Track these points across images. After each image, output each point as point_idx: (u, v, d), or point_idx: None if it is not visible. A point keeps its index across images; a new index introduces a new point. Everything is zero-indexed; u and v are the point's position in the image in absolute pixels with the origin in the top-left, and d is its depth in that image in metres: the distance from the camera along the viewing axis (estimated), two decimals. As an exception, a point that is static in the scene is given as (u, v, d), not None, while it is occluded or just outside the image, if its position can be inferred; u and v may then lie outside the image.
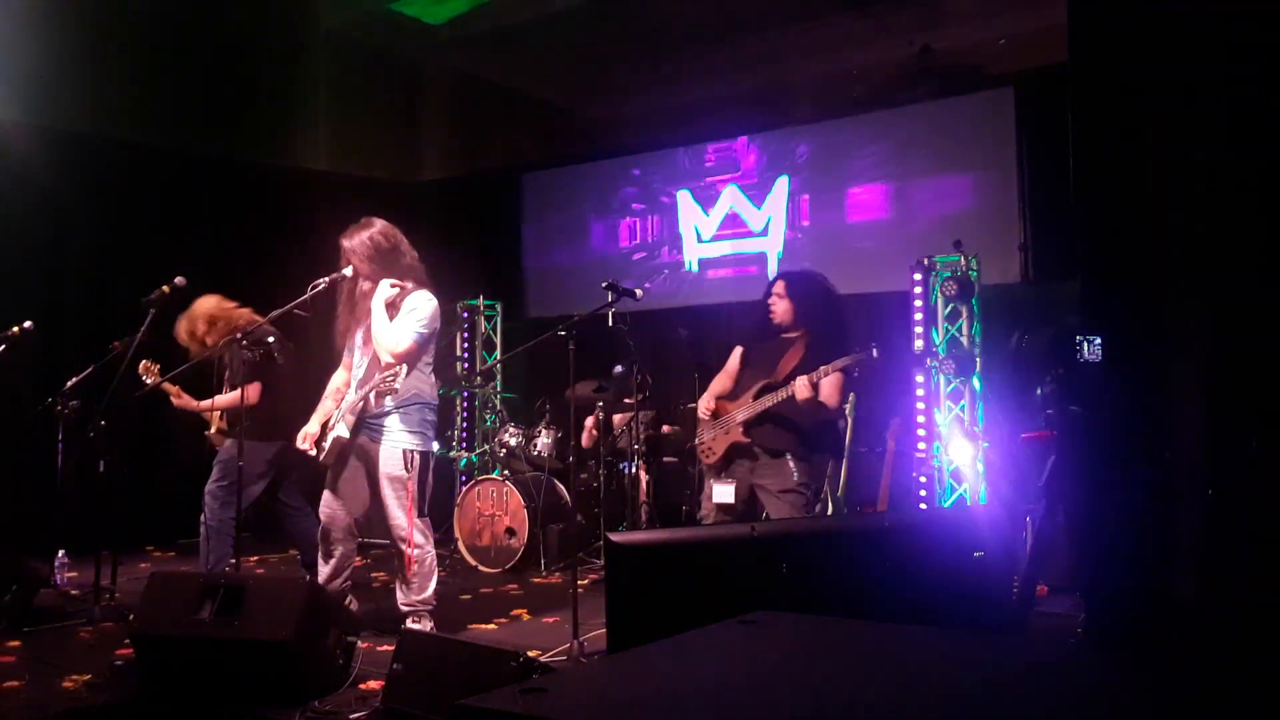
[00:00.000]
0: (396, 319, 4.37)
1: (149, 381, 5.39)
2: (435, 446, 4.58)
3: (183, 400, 5.41)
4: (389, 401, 4.34)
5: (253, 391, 5.07)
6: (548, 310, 8.42)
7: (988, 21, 8.11)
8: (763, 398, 4.40)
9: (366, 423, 4.39)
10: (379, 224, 4.49)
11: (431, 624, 4.43)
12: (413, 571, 4.36)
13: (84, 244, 7.39)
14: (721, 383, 4.71)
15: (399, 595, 4.43)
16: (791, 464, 4.36)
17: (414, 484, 4.34)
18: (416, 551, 4.34)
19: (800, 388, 4.22)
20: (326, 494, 4.51)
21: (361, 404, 4.35)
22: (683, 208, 8.18)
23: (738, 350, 4.74)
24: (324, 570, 4.50)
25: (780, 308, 4.54)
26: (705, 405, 4.61)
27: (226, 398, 5.26)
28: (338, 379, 4.66)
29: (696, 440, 4.67)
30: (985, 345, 5.92)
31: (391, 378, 4.20)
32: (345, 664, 3.69)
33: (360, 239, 4.44)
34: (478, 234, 9.16)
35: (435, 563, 4.52)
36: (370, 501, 4.51)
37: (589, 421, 6.59)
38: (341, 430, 4.37)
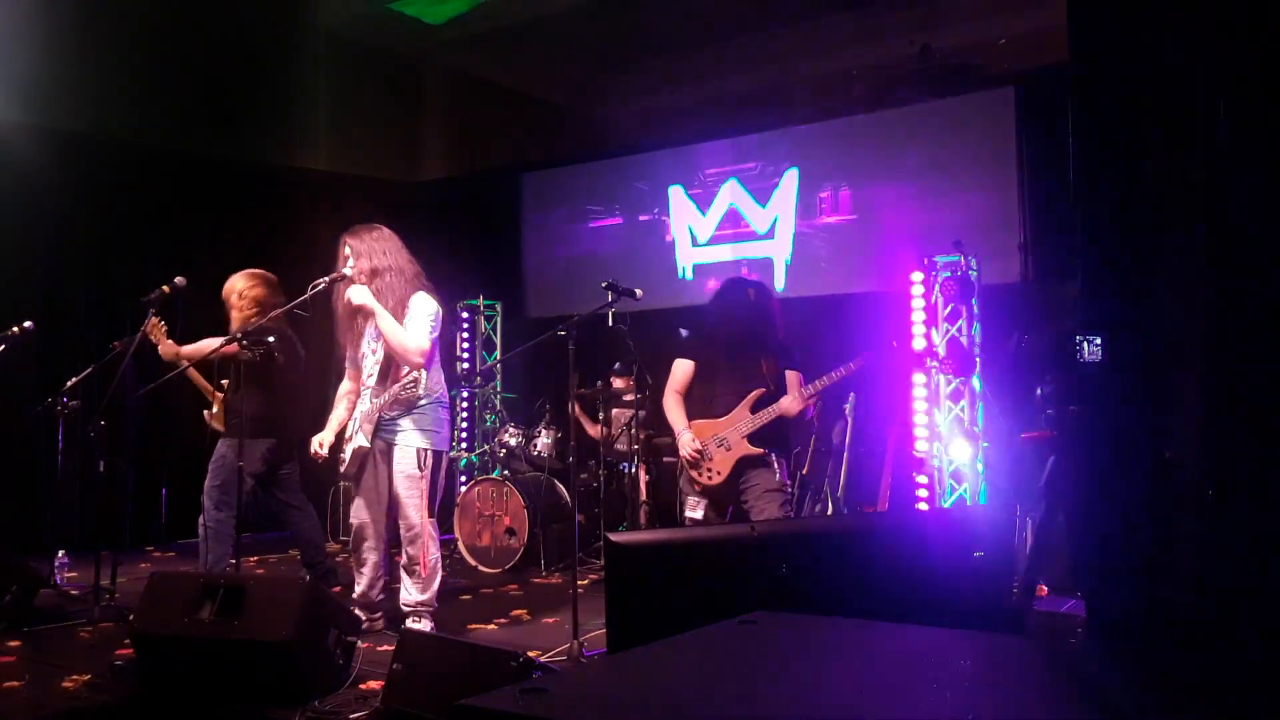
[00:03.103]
0: (406, 319, 4.37)
1: (154, 339, 5.26)
2: (448, 446, 4.56)
3: (165, 346, 5.22)
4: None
5: (256, 399, 5.05)
6: (548, 310, 8.42)
7: (988, 21, 8.12)
8: (764, 410, 4.43)
9: (383, 426, 4.40)
10: (385, 229, 4.52)
11: (431, 624, 4.43)
12: (418, 573, 4.36)
13: (84, 244, 7.39)
14: (681, 404, 4.60)
15: (402, 594, 4.43)
16: (775, 464, 4.47)
17: (427, 483, 4.34)
18: (429, 552, 4.35)
19: (794, 404, 4.41)
20: (358, 502, 4.52)
21: (378, 412, 4.36)
22: (677, 207, 8.13)
23: (689, 364, 4.63)
24: (360, 582, 4.52)
25: (751, 315, 4.55)
26: (690, 446, 4.44)
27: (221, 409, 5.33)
28: (345, 387, 4.64)
29: (691, 468, 4.51)
30: (985, 345, 5.92)
31: (412, 384, 4.21)
32: (345, 664, 3.69)
33: (369, 239, 4.45)
34: (478, 234, 9.16)
35: (440, 564, 4.52)
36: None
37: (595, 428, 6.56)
38: (361, 440, 4.38)
